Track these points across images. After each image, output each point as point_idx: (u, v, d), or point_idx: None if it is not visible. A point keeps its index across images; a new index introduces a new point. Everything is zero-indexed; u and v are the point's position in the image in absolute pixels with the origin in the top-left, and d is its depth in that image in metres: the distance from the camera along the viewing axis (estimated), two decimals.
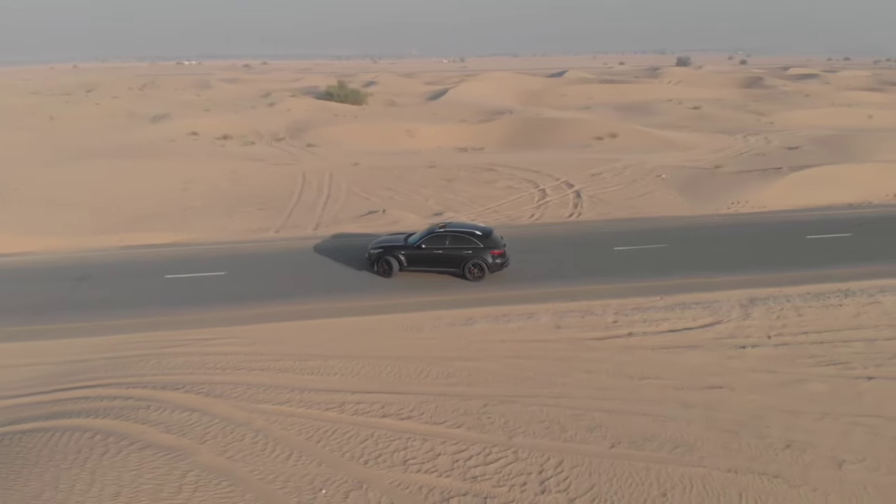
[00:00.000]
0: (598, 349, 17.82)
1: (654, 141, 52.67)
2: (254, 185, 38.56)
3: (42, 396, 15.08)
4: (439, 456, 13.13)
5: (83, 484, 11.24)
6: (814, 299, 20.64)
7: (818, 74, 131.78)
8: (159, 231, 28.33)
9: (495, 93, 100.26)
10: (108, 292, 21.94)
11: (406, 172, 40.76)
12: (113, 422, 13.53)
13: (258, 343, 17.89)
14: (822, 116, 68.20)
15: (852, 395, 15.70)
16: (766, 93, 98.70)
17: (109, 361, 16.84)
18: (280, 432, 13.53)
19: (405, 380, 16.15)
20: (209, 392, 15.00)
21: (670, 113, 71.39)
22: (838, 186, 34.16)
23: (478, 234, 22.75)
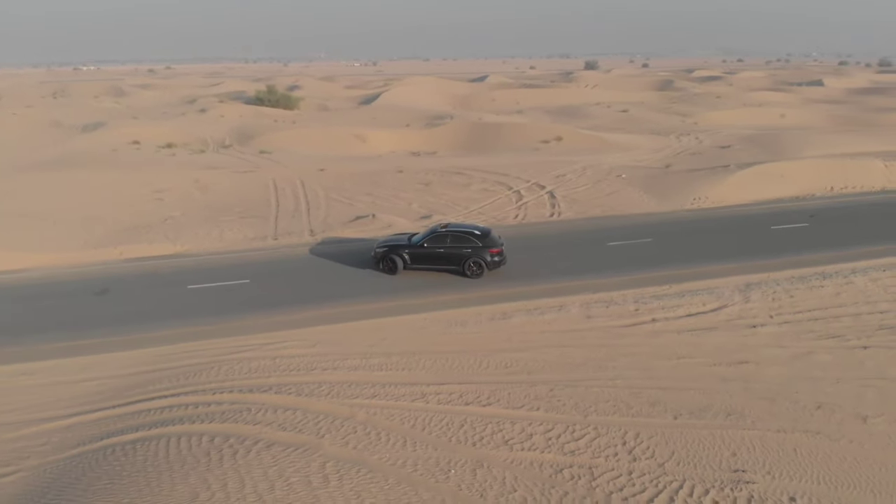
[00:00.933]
0: (631, 335, 19.61)
1: (597, 143, 55.62)
2: (224, 193, 38.33)
3: (126, 408, 15.30)
4: (532, 436, 14.45)
5: (234, 483, 11.84)
6: (798, 282, 23.30)
7: (721, 76, 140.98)
8: (158, 243, 28.05)
9: (426, 97, 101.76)
10: (138, 305, 21.85)
11: (377, 177, 41.56)
12: (222, 425, 14.06)
13: (319, 345, 18.59)
14: (739, 116, 73.68)
15: (855, 363, 18.13)
16: (679, 95, 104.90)
17: (177, 370, 17.12)
18: (385, 423, 14.47)
19: (469, 371, 17.34)
20: (298, 392, 15.69)
21: (601, 116, 75.12)
22: (782, 181, 37.77)
23: (477, 233, 24.27)
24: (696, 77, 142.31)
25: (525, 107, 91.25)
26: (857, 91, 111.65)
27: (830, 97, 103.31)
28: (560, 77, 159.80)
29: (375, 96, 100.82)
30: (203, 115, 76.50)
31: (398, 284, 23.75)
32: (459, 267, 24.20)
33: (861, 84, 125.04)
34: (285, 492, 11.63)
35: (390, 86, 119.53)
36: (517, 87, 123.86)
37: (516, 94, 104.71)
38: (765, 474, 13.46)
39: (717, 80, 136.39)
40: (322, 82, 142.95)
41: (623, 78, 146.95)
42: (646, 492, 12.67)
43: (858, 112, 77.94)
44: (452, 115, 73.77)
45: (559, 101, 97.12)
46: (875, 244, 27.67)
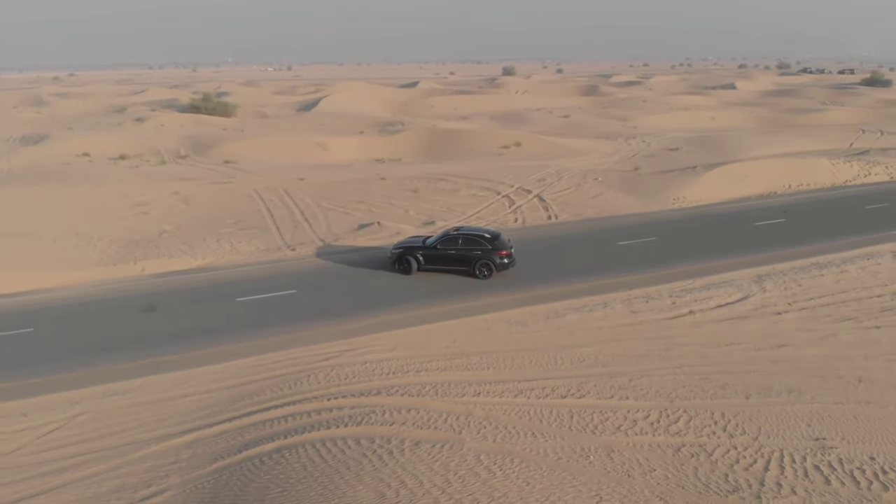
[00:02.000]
0: (677, 327, 21.32)
1: (554, 148, 57.88)
2: (210, 205, 37.82)
3: (244, 420, 15.56)
4: (636, 422, 15.79)
5: (411, 480, 12.54)
6: (800, 272, 25.81)
7: (639, 81, 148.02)
8: (177, 257, 27.65)
9: (365, 103, 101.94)
10: (195, 319, 21.74)
11: (361, 185, 42.01)
12: (358, 429, 14.64)
13: (398, 349, 19.27)
14: (673, 120, 78.09)
15: (873, 341, 20.50)
16: (609, 100, 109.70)
17: (274, 380, 17.44)
18: (502, 418, 15.45)
19: (549, 366, 18.51)
20: (407, 393, 16.45)
21: (545, 121, 77.79)
22: (746, 181, 40.97)
23: (487, 236, 25.72)
24: (616, 82, 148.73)
25: (466, 113, 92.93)
26: (768, 93, 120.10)
27: (745, 99, 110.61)
28: (485, 83, 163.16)
29: (314, 102, 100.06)
30: (143, 126, 73.96)
31: (442, 288, 24.60)
32: (469, 268, 25.51)
33: (768, 87, 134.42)
34: (461, 484, 12.44)
35: (324, 92, 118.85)
36: (450, 93, 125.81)
37: (453, 100, 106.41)
38: (840, 440, 15.31)
39: (636, 84, 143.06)
40: (247, 88, 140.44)
41: (548, 83, 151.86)
42: (757, 462, 14.21)
43: (776, 113, 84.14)
44: (403, 122, 74.59)
45: (496, 107, 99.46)
46: (849, 236, 30.78)
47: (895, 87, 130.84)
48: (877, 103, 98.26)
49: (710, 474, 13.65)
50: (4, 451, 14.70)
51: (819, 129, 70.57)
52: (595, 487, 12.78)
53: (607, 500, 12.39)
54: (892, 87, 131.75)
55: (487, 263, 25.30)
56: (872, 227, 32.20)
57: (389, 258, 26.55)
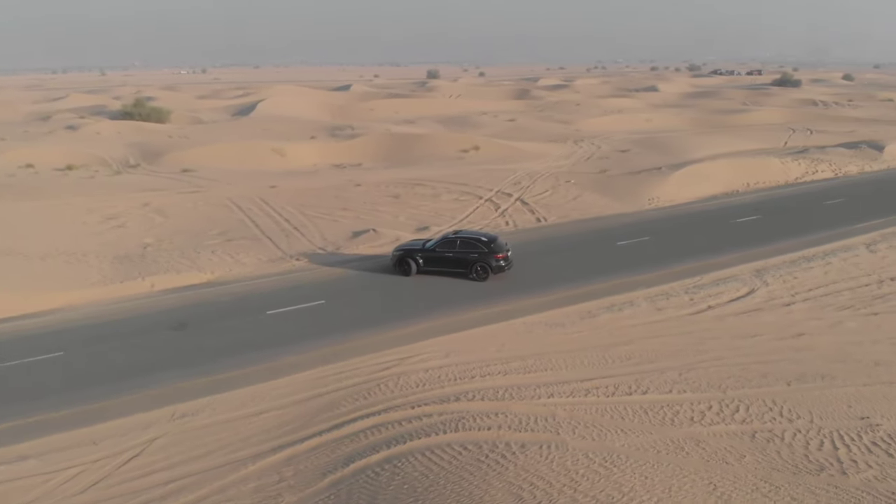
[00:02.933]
0: (700, 321, 22.58)
1: (511, 151, 59.18)
2: (187, 217, 36.72)
3: (334, 433, 15.53)
4: (704, 413, 16.76)
5: (539, 481, 12.92)
6: (792, 266, 27.75)
7: (566, 84, 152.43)
8: (185, 272, 26.77)
9: (303, 107, 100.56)
10: (234, 335, 21.24)
11: (339, 192, 41.79)
12: (459, 434, 14.92)
13: (452, 354, 19.58)
14: (613, 122, 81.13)
15: (875, 327, 22.37)
16: (541, 103, 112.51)
17: (346, 391, 17.44)
18: (584, 416, 16.10)
19: (602, 365, 19.30)
20: (484, 397, 16.81)
21: (492, 125, 79.17)
22: (709, 180, 43.35)
23: (484, 240, 26.68)
24: (544, 86, 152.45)
25: (410, 117, 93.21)
26: (689, 95, 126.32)
27: (669, 101, 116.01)
28: (416, 86, 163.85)
29: (250, 107, 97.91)
30: (78, 134, 70.38)
31: (469, 294, 24.99)
32: (467, 270, 26.29)
33: (687, 89, 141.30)
34: (589, 483, 12.95)
35: (254, 96, 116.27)
36: (384, 96, 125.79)
37: (391, 104, 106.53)
38: (881, 418, 16.78)
39: (563, 88, 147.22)
40: (170, 93, 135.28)
41: (477, 87, 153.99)
42: (824, 444, 15.40)
43: (705, 115, 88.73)
44: (353, 126, 74.20)
45: (436, 111, 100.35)
46: (821, 231, 33.23)
47: (804, 88, 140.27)
48: (793, 103, 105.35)
49: (792, 456, 14.71)
50: (89, 483, 14.11)
51: (749, 129, 75.07)
52: (704, 476, 13.57)
53: (721, 486, 13.19)
54: (801, 88, 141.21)
55: (483, 266, 26.07)
56: (837, 222, 34.85)
57: (390, 260, 27.46)
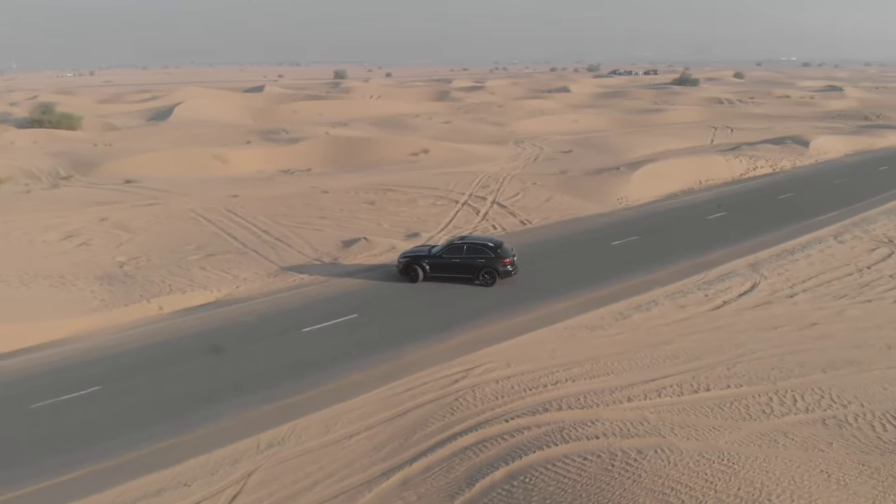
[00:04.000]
0: (723, 317, 23.68)
1: (461, 154, 59.51)
2: (154, 232, 34.66)
3: (440, 452, 15.25)
4: (770, 405, 17.69)
5: (678, 486, 13.21)
6: (780, 259, 29.58)
7: (481, 86, 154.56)
8: (191, 292, 25.24)
9: (223, 111, 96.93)
10: (277, 355, 20.28)
11: (309, 200, 40.71)
12: (570, 445, 15.03)
13: (511, 364, 19.61)
14: (543, 123, 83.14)
15: (871, 313, 24.22)
16: (463, 105, 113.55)
17: (431, 407, 17.17)
18: (672, 418, 16.61)
19: (656, 365, 19.89)
20: (570, 405, 16.99)
21: (428, 128, 79.22)
22: (666, 179, 45.34)
23: (490, 245, 26.90)
24: (459, 87, 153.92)
25: (337, 119, 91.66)
26: (600, 96, 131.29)
27: (584, 102, 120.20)
28: (330, 87, 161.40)
29: (167, 111, 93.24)
30: None
31: (497, 300, 25.00)
32: (473, 276, 26.48)
33: (595, 89, 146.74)
34: (725, 483, 13.37)
35: (165, 99, 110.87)
36: (301, 98, 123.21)
37: (314, 106, 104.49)
38: None
39: (479, 89, 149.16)
40: (67, 97, 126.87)
41: (395, 89, 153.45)
42: (886, 425, 16.63)
43: (625, 115, 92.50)
44: (287, 130, 72.27)
45: (361, 113, 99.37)
46: (788, 224, 35.56)
47: (703, 87, 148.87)
48: (700, 101, 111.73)
49: (868, 439, 15.81)
50: None
51: (671, 127, 79.00)
52: (810, 465, 14.32)
53: (832, 473, 13.97)
54: (700, 87, 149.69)
55: (490, 271, 26.27)
56: (797, 216, 37.42)
57: (396, 266, 27.34)
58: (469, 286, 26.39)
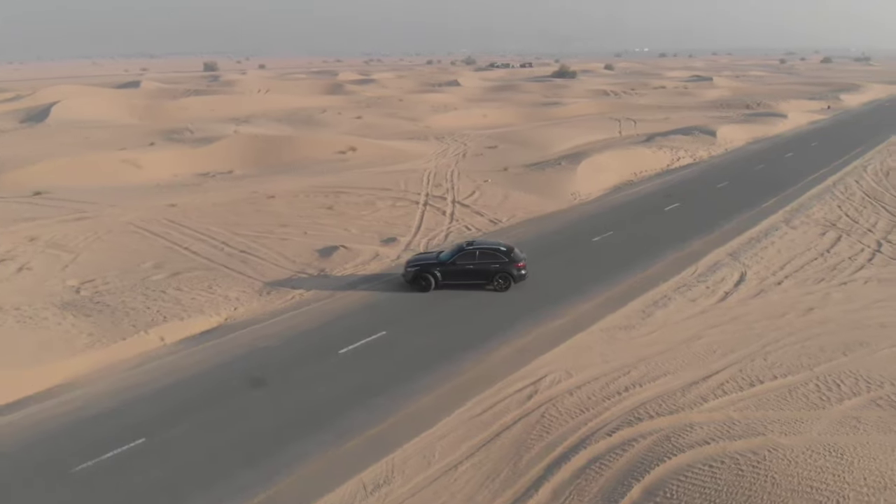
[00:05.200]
0: (732, 308, 24.69)
1: (390, 152, 58.36)
2: (97, 250, 31.27)
3: (563, 472, 14.81)
4: (819, 392, 18.63)
5: (823, 485, 13.64)
6: (750, 247, 31.35)
7: (372, 80, 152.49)
8: (190, 318, 22.81)
9: (106, 109, 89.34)
10: (329, 383, 18.69)
11: (258, 206, 38.41)
12: (688, 454, 15.15)
13: (573, 373, 19.39)
14: (455, 119, 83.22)
15: (852, 295, 26.15)
16: (362, 99, 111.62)
17: (520, 426, 16.68)
18: (753, 414, 17.15)
19: (701, 361, 20.43)
20: (656, 411, 17.07)
21: (339, 123, 76.97)
22: (607, 172, 46.77)
23: (503, 249, 26.56)
24: (350, 80, 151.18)
25: (232, 116, 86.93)
26: (492, 89, 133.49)
27: (479, 96, 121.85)
28: (211, 81, 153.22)
29: (42, 111, 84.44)
30: None
31: (514, 306, 24.59)
32: (488, 281, 26.05)
33: (484, 83, 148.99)
34: (853, 475, 13.92)
35: (34, 98, 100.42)
36: (182, 93, 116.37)
37: (204, 101, 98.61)
38: None
39: (370, 82, 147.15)
40: None
41: (280, 82, 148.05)
42: None
43: (528, 108, 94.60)
44: (191, 130, 67.84)
45: (258, 108, 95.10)
46: (738, 213, 37.75)
47: (583, 79, 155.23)
48: (589, 94, 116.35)
49: None
50: None
51: (577, 120, 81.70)
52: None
53: None
54: (579, 79, 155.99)
55: (506, 276, 25.88)
56: (742, 203, 39.82)
57: (404, 276, 26.41)
58: (482, 293, 25.85)
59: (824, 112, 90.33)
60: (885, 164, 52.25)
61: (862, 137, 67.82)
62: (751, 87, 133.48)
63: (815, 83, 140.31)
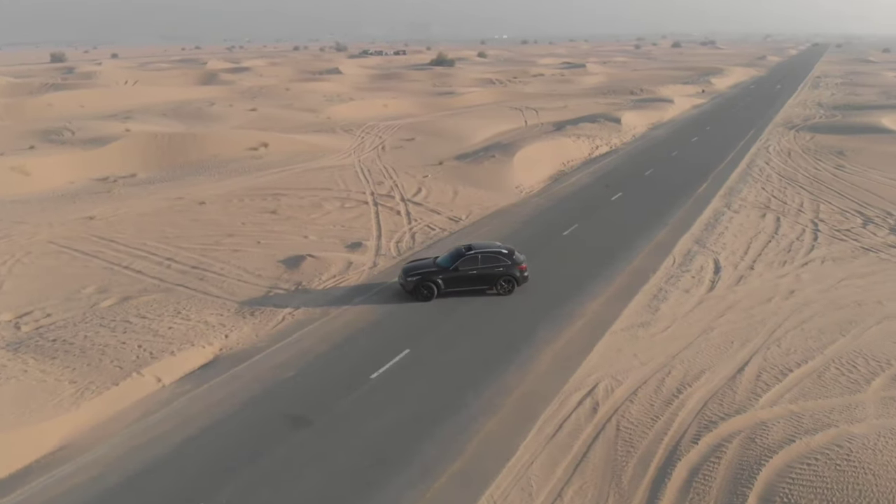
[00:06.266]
0: (724, 296, 25.32)
1: (304, 147, 55.56)
2: (20, 275, 27.29)
3: (667, 494, 14.41)
4: (846, 375, 19.47)
5: None
6: (710, 233, 32.60)
7: (249, 68, 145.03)
8: (183, 352, 20.06)
9: None
10: (378, 415, 17.08)
11: (193, 215, 35.09)
12: (780, 455, 15.27)
13: (620, 378, 19.04)
14: (356, 110, 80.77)
15: (817, 275, 27.71)
16: (243, 89, 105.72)
17: (604, 442, 16.03)
18: (803, 404, 17.60)
19: (725, 355, 20.63)
20: (722, 413, 17.13)
21: (234, 116, 72.28)
22: (539, 163, 47.04)
23: (504, 252, 25.78)
24: (224, 69, 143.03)
25: (108, 112, 79.31)
26: (377, 77, 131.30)
27: (363, 84, 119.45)
28: (63, 73, 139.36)
29: None
30: None
31: (527, 308, 23.89)
32: (491, 286, 25.24)
33: (365, 70, 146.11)
34: None
35: None
36: (38, 87, 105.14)
37: (73, 97, 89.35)
38: None
39: (244, 71, 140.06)
40: None
41: (146, 72, 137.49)
42: None
43: (427, 98, 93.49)
44: (72, 130, 61.07)
45: (132, 102, 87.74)
46: (680, 199, 39.15)
47: (461, 66, 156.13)
48: (476, 83, 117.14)
49: None
50: None
51: (479, 109, 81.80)
52: None
53: None
54: (456, 66, 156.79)
55: (509, 279, 25.20)
56: (678, 189, 41.42)
57: (403, 286, 24.87)
58: (485, 298, 24.89)
59: (701, 96, 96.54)
60: (782, 146, 56.51)
61: (747, 119, 73.04)
62: (622, 72, 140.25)
63: (678, 68, 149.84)
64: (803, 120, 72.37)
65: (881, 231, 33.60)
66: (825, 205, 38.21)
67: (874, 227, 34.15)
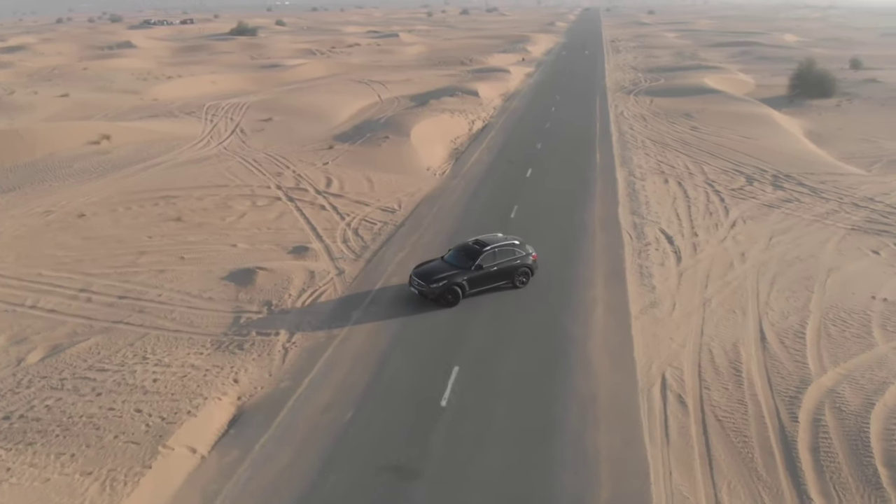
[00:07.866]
0: (695, 266, 26.33)
1: (153, 136, 49.11)
2: None
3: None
4: (850, 333, 21.28)
5: None
6: (638, 204, 33.87)
7: (23, 46, 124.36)
8: (195, 413, 16.47)
9: None
10: (477, 446, 15.36)
11: (82, 230, 29.50)
12: (877, 409, 16.15)
13: (674, 363, 19.16)
14: (183, 88, 72.98)
15: (750, 235, 29.84)
16: (31, 71, 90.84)
17: (714, 427, 15.95)
18: (849, 366, 19.06)
19: (740, 327, 21.78)
20: (787, 387, 17.95)
21: (44, 105, 60.45)
22: (434, 143, 45.81)
23: (517, 243, 24.67)
24: None
25: None
26: (181, 51, 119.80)
27: (167, 58, 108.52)
28: None
29: None
30: None
31: (547, 303, 23.02)
32: (510, 280, 24.16)
33: (165, 44, 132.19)
34: None
35: None
36: None
37: None
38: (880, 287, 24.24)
39: (19, 50, 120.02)
40: None
41: None
42: None
43: (255, 73, 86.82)
44: None
45: None
46: (587, 172, 40.28)
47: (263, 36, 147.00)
48: (298, 53, 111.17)
49: None
50: None
51: (324, 83, 77.62)
52: None
53: None
54: (259, 36, 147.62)
55: (526, 271, 24.31)
56: (578, 163, 42.49)
57: (425, 294, 22.67)
58: (496, 295, 23.62)
59: (522, 64, 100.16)
60: (631, 111, 60.50)
61: (586, 87, 76.95)
62: (437, 42, 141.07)
63: (485, 36, 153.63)
64: (633, 84, 78.15)
65: (767, 187, 37.15)
66: (706, 166, 41.47)
67: (759, 185, 37.66)
